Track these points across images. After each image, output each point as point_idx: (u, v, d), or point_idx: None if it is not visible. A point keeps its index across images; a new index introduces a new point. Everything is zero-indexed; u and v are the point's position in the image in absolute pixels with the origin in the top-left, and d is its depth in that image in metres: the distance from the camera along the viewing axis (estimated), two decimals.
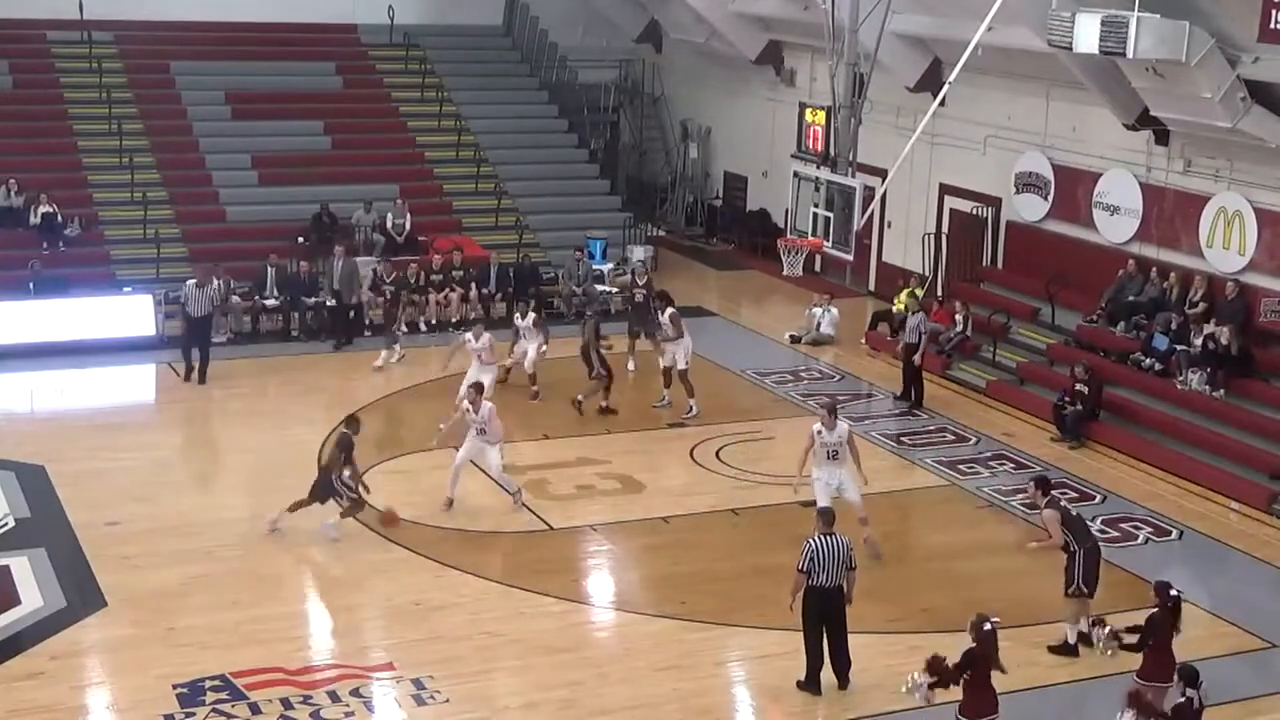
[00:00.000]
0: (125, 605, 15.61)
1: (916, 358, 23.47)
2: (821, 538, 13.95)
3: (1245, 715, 13.99)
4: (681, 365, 22.42)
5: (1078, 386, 21.88)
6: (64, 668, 14.35)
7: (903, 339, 24.07)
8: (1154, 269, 23.82)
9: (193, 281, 24.12)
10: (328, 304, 26.11)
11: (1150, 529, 18.75)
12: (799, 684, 14.16)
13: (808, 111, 27.70)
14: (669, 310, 22.57)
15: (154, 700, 13.66)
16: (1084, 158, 25.44)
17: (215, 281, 24.45)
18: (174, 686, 13.87)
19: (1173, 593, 13.04)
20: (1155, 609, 13.00)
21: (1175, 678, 12.00)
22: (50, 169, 28.84)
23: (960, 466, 20.81)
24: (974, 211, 28.03)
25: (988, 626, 12.24)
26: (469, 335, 21.71)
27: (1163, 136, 23.72)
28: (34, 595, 15.85)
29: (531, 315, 23.17)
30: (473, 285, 27.50)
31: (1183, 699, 11.61)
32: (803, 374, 25.20)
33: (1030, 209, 26.55)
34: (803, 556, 13.97)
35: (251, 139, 30.70)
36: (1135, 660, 13.05)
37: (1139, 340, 23.06)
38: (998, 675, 12.28)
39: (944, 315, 25.75)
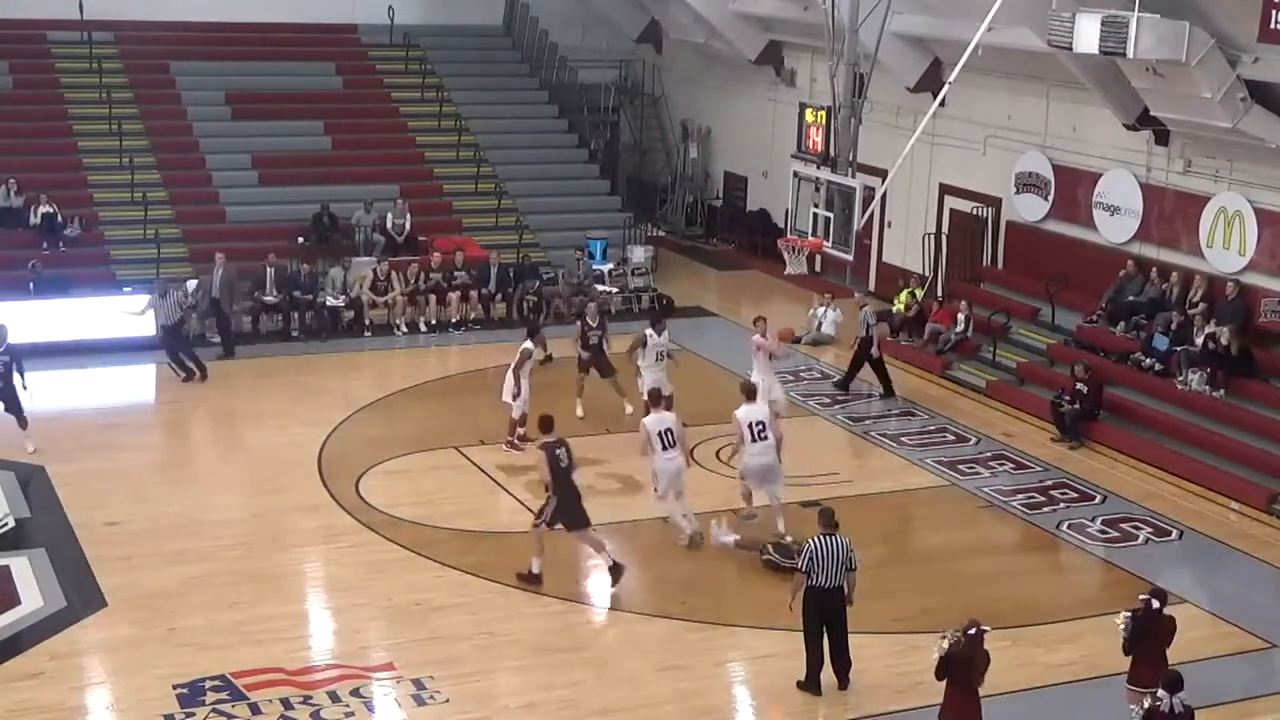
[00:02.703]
0: (125, 605, 15.62)
1: (874, 350, 23.61)
2: (821, 538, 13.96)
3: (1244, 715, 14.00)
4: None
5: (1078, 386, 21.89)
6: (64, 668, 14.36)
7: (857, 335, 24.19)
8: (1154, 269, 23.83)
9: (155, 294, 24.07)
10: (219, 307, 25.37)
11: (1150, 529, 18.75)
12: (799, 684, 14.16)
13: (808, 111, 27.67)
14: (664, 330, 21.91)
15: (154, 700, 13.67)
16: (1084, 158, 25.44)
17: (175, 292, 24.25)
18: (174, 687, 13.88)
19: (1154, 605, 13.00)
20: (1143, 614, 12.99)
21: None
22: (50, 169, 28.85)
23: (960, 466, 20.81)
24: (974, 211, 28.04)
25: (974, 630, 12.25)
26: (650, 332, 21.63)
27: (1163, 136, 23.72)
28: (34, 595, 15.86)
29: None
30: (471, 286, 27.50)
31: (1157, 702, 11.59)
32: (803, 374, 25.19)
33: (1030, 209, 26.55)
34: (802, 557, 13.98)
35: (251, 139, 30.71)
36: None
37: (1139, 340, 23.06)
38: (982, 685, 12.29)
39: (945, 315, 25.77)
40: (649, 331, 21.66)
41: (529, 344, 20.88)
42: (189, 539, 17.43)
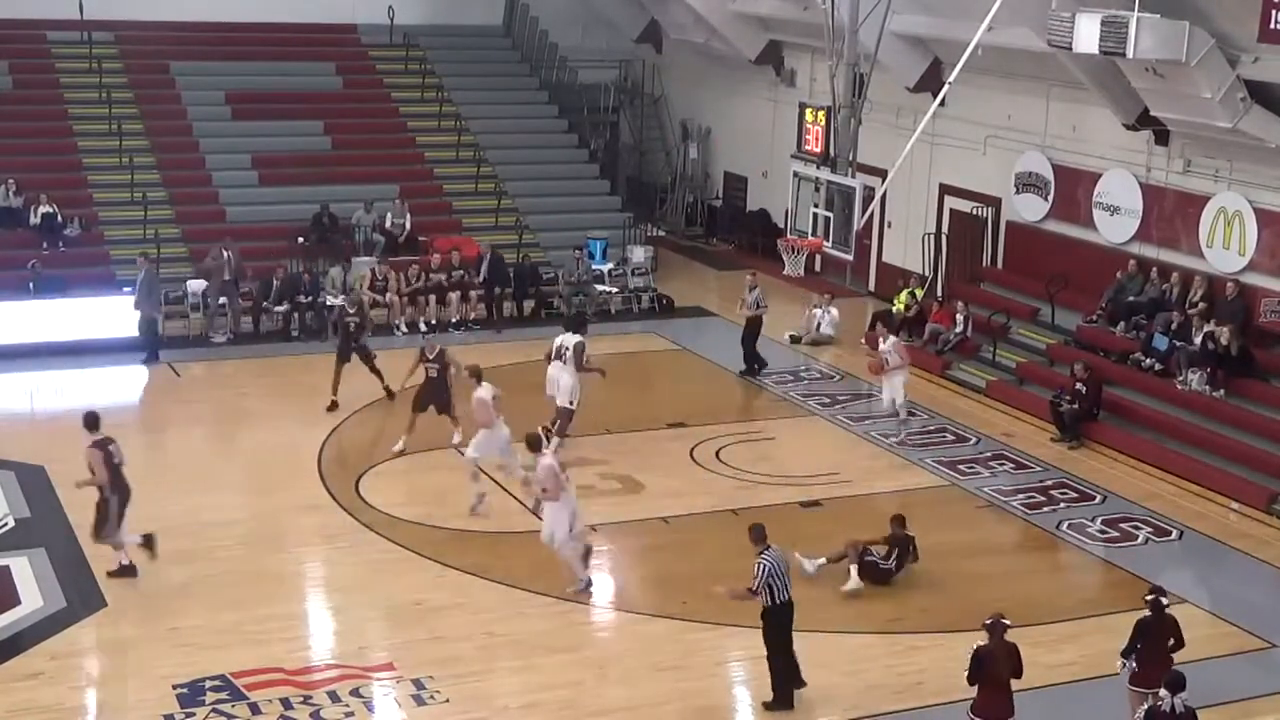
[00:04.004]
0: (125, 605, 15.63)
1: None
2: (768, 553, 13.62)
3: (1244, 715, 14.00)
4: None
5: (1077, 386, 21.89)
6: (64, 668, 14.37)
7: (746, 311, 24.80)
8: (1154, 269, 23.84)
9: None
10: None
11: (1150, 529, 18.75)
12: (767, 705, 13.90)
13: (808, 111, 27.62)
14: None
15: (154, 700, 13.68)
16: (1084, 158, 25.43)
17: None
18: (174, 687, 13.89)
19: (1164, 601, 13.05)
20: (1146, 615, 13.02)
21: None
22: (50, 169, 28.84)
23: (960, 466, 20.82)
24: (974, 211, 28.03)
25: (989, 621, 12.35)
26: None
27: (1163, 136, 23.72)
28: (34, 595, 15.87)
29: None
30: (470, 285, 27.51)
31: (1158, 702, 11.60)
32: (803, 374, 25.20)
33: (1030, 209, 26.55)
34: (759, 576, 13.54)
35: (251, 139, 30.70)
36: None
37: (1139, 340, 23.06)
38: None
39: (945, 315, 25.76)
40: (582, 338, 21.05)
41: (579, 337, 20.74)
42: (189, 539, 17.41)
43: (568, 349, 20.64)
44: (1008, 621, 12.43)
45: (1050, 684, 14.39)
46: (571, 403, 20.58)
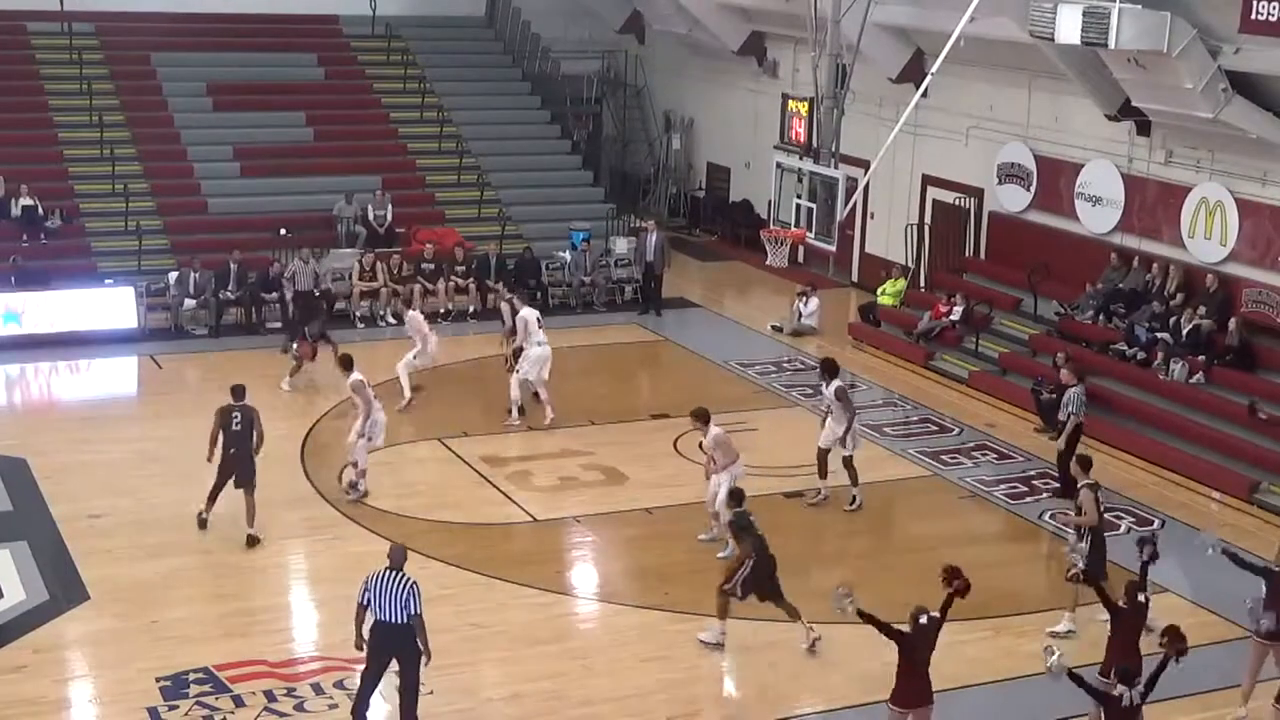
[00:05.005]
0: (108, 598, 15.59)
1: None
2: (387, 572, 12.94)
3: (1226, 704, 14.06)
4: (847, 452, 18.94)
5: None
6: (46, 661, 14.34)
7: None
8: (1136, 259, 23.90)
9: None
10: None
11: (1132, 518, 18.81)
12: None
13: (790, 102, 27.71)
14: (835, 384, 18.98)
15: (137, 693, 13.66)
16: (1066, 148, 25.49)
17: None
18: (157, 679, 13.87)
19: (1140, 598, 13.14)
20: (1123, 605, 13.11)
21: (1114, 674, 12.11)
22: (31, 161, 28.73)
23: (943, 457, 20.86)
24: (956, 202, 28.08)
25: (923, 620, 12.32)
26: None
27: (1144, 127, 23.77)
28: (16, 588, 15.81)
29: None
30: (451, 275, 27.47)
31: (1115, 694, 11.67)
32: (786, 365, 25.22)
33: (1012, 199, 26.59)
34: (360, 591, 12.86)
35: (233, 130, 30.60)
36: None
37: (1121, 330, 23.12)
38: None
39: (938, 307, 25.67)
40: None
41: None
42: (171, 532, 17.40)
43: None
44: (935, 615, 12.45)
45: (1033, 674, 14.41)
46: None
